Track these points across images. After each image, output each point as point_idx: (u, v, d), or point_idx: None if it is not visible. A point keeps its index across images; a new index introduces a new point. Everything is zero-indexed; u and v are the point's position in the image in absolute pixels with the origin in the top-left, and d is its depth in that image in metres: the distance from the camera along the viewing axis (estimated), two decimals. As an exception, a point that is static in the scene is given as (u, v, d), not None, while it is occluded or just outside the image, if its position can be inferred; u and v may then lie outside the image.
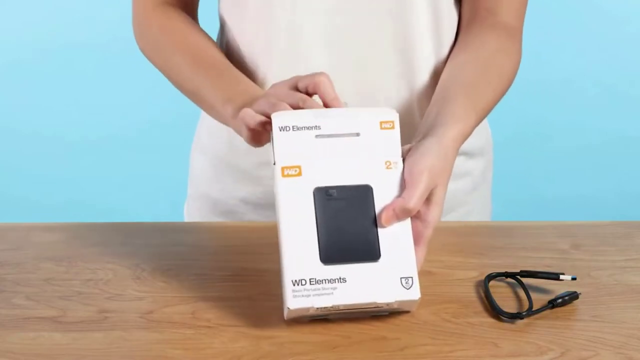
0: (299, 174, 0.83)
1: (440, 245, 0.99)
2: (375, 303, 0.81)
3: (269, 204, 1.13)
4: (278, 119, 0.83)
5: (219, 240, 1.03)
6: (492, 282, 0.92)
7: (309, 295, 0.81)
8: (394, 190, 0.84)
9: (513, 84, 1.07)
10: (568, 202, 2.67)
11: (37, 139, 2.75)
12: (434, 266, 0.94)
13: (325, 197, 0.83)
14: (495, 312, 0.86)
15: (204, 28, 1.11)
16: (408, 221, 0.83)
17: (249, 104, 0.90)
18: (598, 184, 2.71)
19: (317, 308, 0.80)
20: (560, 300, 0.87)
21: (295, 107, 0.85)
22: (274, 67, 1.06)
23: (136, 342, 0.82)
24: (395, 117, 0.86)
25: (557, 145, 2.74)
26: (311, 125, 0.84)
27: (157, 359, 0.80)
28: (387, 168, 0.85)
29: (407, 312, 0.85)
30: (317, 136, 0.84)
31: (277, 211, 0.83)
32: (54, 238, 1.01)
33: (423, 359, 0.80)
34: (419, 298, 0.82)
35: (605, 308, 0.88)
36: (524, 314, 0.85)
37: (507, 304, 0.88)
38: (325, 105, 0.86)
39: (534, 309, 0.86)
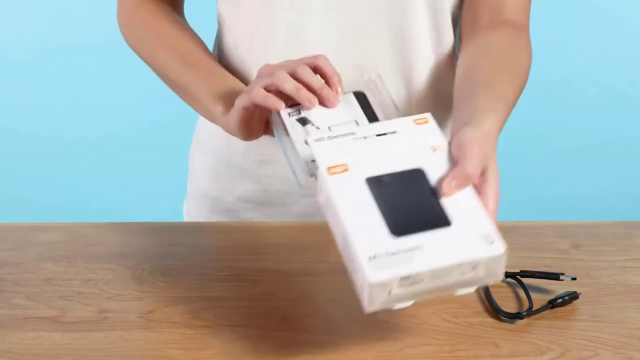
0: (346, 170, 0.80)
1: (440, 245, 0.99)
2: (461, 264, 0.74)
3: (268, 202, 1.13)
4: (313, 136, 0.82)
5: (219, 240, 1.03)
6: (492, 282, 0.92)
7: (388, 267, 0.73)
8: (445, 168, 0.80)
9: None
10: (568, 202, 2.67)
11: (37, 139, 2.75)
12: (434, 266, 0.94)
13: (379, 185, 0.79)
14: (495, 312, 0.86)
15: (202, 28, 1.11)
16: (471, 189, 0.79)
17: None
18: (598, 184, 2.70)
19: (401, 279, 0.73)
20: (560, 300, 0.87)
21: (291, 95, 0.85)
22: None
23: (136, 342, 0.82)
24: (428, 115, 0.84)
25: (557, 145, 2.74)
26: (345, 133, 0.83)
27: (157, 359, 0.80)
28: (434, 151, 0.82)
29: (491, 283, 0.79)
30: (354, 139, 0.82)
31: (331, 209, 0.78)
32: (54, 238, 1.01)
33: (423, 359, 0.80)
34: (506, 250, 0.75)
35: (605, 308, 0.88)
36: (524, 314, 0.85)
37: (507, 304, 0.88)
38: (326, 82, 0.86)
39: (534, 309, 0.86)
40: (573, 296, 0.88)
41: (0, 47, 2.74)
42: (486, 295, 0.89)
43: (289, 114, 0.86)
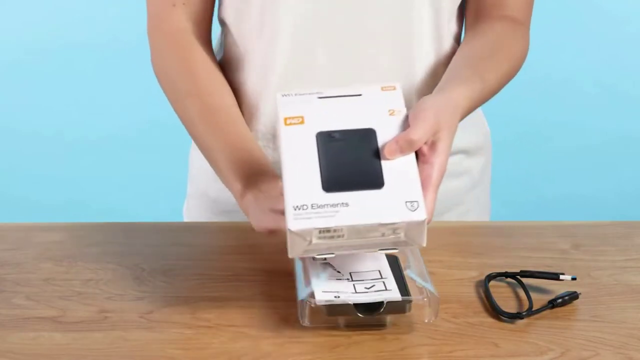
0: (302, 122, 0.84)
1: (440, 245, 0.99)
2: (380, 225, 0.78)
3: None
4: (280, 91, 0.87)
5: (219, 240, 1.03)
6: (492, 282, 0.92)
7: (310, 218, 0.78)
8: (396, 132, 0.83)
9: (513, 84, 1.07)
10: (568, 202, 2.67)
11: (37, 139, 2.75)
12: (434, 266, 0.94)
13: (328, 139, 0.83)
14: (495, 312, 0.86)
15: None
16: (412, 156, 0.81)
17: (256, 192, 0.91)
18: (598, 184, 2.70)
19: (320, 231, 0.78)
20: (560, 300, 0.87)
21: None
22: (277, 69, 1.06)
23: (136, 342, 0.82)
24: (397, 84, 0.87)
25: (557, 145, 2.74)
26: (313, 92, 0.86)
27: (157, 359, 0.80)
28: (391, 115, 0.84)
29: (414, 247, 0.82)
30: (319, 97, 0.86)
31: (280, 157, 0.83)
32: (54, 238, 1.01)
33: (423, 359, 0.80)
34: (426, 219, 0.78)
35: (605, 308, 0.88)
36: (524, 314, 0.85)
37: (507, 304, 0.88)
38: None
39: (534, 309, 0.86)
40: (573, 296, 0.88)
41: (0, 47, 2.74)
42: (486, 295, 0.89)
43: (314, 258, 0.86)
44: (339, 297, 0.82)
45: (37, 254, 0.99)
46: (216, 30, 1.14)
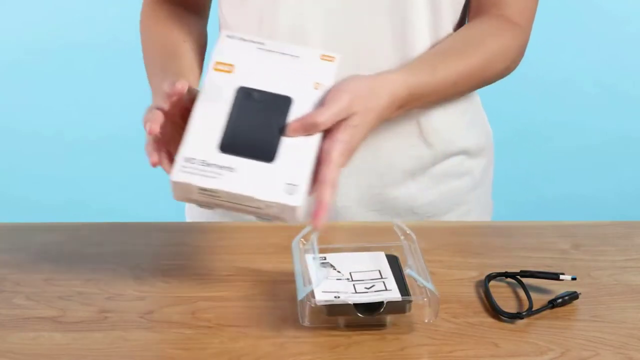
0: (230, 71, 0.86)
1: (440, 245, 0.99)
2: (253, 198, 0.80)
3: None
4: (227, 31, 0.88)
5: (219, 240, 1.03)
6: (492, 282, 0.92)
7: (194, 174, 0.81)
8: (312, 108, 0.85)
9: (514, 84, 1.07)
10: (568, 202, 2.67)
11: (37, 139, 2.75)
12: (434, 266, 0.94)
13: (246, 97, 0.85)
14: (495, 312, 0.86)
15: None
16: (316, 139, 0.83)
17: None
18: (598, 184, 2.70)
19: (199, 189, 0.81)
20: (560, 300, 0.87)
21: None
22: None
23: (136, 342, 0.82)
24: (337, 56, 0.88)
25: (557, 145, 2.74)
26: (256, 40, 0.88)
27: (157, 359, 0.80)
28: (315, 88, 0.86)
29: (290, 224, 0.84)
30: (259, 49, 0.87)
31: (196, 98, 0.84)
32: (54, 238, 1.01)
33: (423, 359, 0.80)
34: (300, 207, 0.81)
35: (605, 308, 0.88)
36: (524, 314, 0.85)
37: (507, 304, 0.88)
38: None
39: (534, 309, 0.86)
40: (573, 296, 0.88)
41: (0, 47, 2.74)
42: (486, 295, 0.89)
43: (313, 257, 0.88)
44: (339, 297, 0.82)
45: (37, 254, 0.99)
46: (216, 30, 1.14)
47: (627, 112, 2.73)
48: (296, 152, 0.82)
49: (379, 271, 0.86)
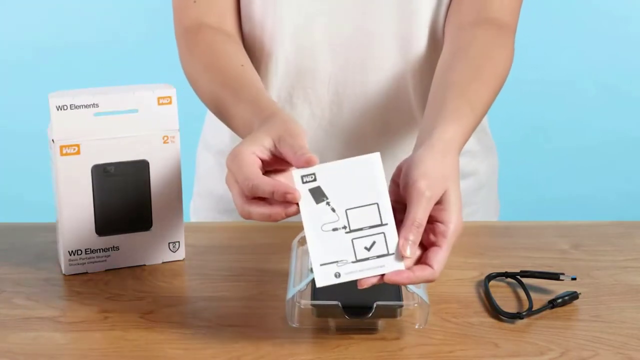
0: (78, 152, 0.90)
1: (440, 245, 0.99)
2: (144, 267, 0.91)
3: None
4: (55, 99, 0.92)
5: (220, 240, 1.03)
6: (492, 282, 0.92)
7: (84, 263, 0.92)
8: (170, 163, 0.91)
9: (514, 85, 1.07)
10: (568, 202, 2.67)
11: (37, 139, 2.75)
12: (434, 266, 0.94)
13: (103, 174, 0.90)
14: (495, 312, 0.86)
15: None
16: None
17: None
18: (598, 184, 2.70)
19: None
20: (560, 300, 0.87)
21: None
22: (280, 68, 1.06)
23: (136, 342, 0.82)
24: (172, 93, 0.90)
25: (557, 145, 2.74)
26: (89, 104, 0.89)
27: (157, 359, 0.80)
28: (165, 142, 0.91)
29: None
30: (95, 114, 0.89)
31: (55, 189, 0.90)
32: (54, 238, 1.01)
33: (423, 359, 0.80)
34: (183, 259, 0.95)
35: (605, 308, 0.88)
36: (524, 314, 0.85)
37: (507, 304, 0.88)
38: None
39: (534, 309, 0.86)
40: (573, 296, 0.88)
41: (0, 47, 2.74)
42: (486, 295, 0.89)
43: (302, 175, 0.80)
44: (339, 274, 0.76)
45: (37, 254, 0.99)
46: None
47: (627, 112, 2.73)
48: (167, 212, 0.94)
49: (377, 206, 0.78)
